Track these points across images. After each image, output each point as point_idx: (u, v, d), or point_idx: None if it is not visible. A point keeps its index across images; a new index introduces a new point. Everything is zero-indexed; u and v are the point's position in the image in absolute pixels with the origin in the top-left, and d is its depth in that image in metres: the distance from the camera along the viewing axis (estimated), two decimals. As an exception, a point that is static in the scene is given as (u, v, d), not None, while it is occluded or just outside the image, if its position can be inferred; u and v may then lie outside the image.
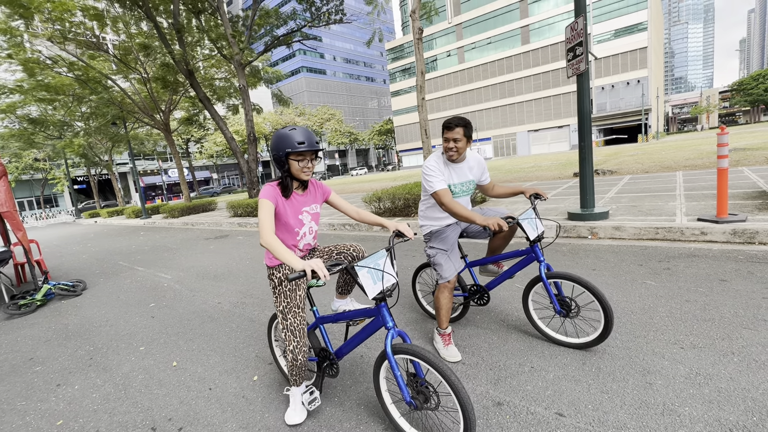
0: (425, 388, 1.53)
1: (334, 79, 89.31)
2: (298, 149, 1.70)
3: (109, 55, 15.72)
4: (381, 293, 1.56)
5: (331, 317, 1.93)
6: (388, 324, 1.58)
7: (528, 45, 50.25)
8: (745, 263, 3.27)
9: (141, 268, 6.42)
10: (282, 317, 1.82)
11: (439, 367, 1.41)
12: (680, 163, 11.08)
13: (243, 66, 12.55)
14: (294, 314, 1.80)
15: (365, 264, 1.55)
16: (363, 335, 1.74)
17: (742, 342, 2.08)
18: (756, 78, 65.06)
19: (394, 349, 1.53)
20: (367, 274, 1.55)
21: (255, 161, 13.34)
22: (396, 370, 1.52)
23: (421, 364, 1.54)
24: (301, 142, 1.71)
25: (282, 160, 1.75)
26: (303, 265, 1.39)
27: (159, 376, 2.58)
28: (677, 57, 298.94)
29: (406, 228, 1.79)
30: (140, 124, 21.61)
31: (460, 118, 2.23)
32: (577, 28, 5.07)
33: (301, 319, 1.82)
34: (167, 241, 9.53)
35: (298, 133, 1.72)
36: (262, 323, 3.29)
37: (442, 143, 2.32)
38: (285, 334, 1.80)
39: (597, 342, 2.13)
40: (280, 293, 1.84)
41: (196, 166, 51.26)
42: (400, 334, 1.58)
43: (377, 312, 1.63)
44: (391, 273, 1.61)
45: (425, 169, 2.30)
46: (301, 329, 1.80)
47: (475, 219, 2.07)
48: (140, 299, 4.56)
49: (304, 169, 1.77)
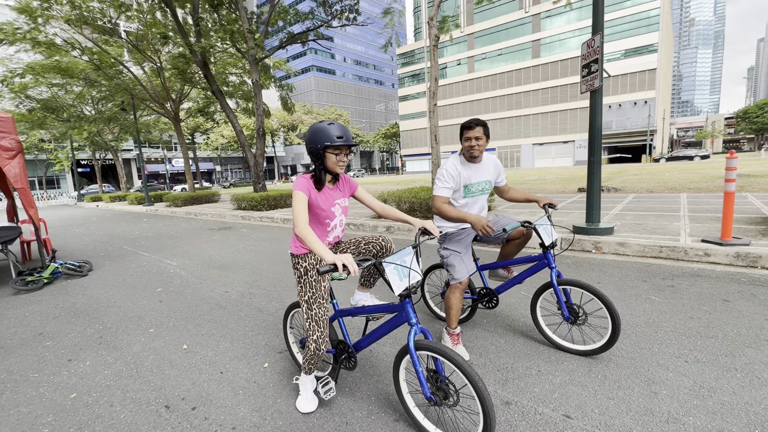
0: (445, 385, 1.58)
1: (343, 80, 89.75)
2: (337, 143, 1.76)
3: (123, 41, 15.84)
4: (406, 290, 1.61)
5: (350, 311, 1.98)
6: (412, 320, 1.62)
7: (538, 59, 50.58)
8: (747, 285, 3.32)
9: (146, 254, 6.47)
10: (307, 307, 1.85)
11: (462, 365, 1.45)
12: (685, 185, 11.16)
13: (257, 61, 12.65)
14: (319, 305, 1.84)
15: (392, 260, 1.60)
16: (384, 330, 1.79)
17: (745, 359, 2.13)
18: (761, 107, 65.39)
19: (416, 345, 1.57)
20: (394, 271, 1.59)
21: (262, 156, 13.42)
22: (418, 366, 1.57)
23: (442, 361, 1.59)
24: (340, 136, 1.77)
25: (319, 153, 1.80)
26: (334, 258, 1.44)
27: (170, 357, 2.62)
28: (685, 80, 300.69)
29: (432, 226, 1.83)
30: (150, 112, 21.71)
31: (478, 119, 2.33)
32: (594, 45, 5.15)
33: (326, 310, 1.86)
34: (171, 229, 9.58)
35: (336, 127, 1.78)
36: (271, 313, 3.34)
37: (462, 144, 2.39)
38: (309, 324, 1.83)
39: (603, 349, 2.19)
40: (306, 283, 1.88)
41: (200, 158, 51.36)
42: (423, 330, 1.63)
43: (401, 308, 1.68)
44: (417, 270, 1.66)
45: (439, 171, 2.39)
46: (325, 320, 1.84)
47: (466, 218, 2.18)
48: (147, 284, 4.60)
49: (339, 162, 1.83)
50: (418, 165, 64.09)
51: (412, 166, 65.15)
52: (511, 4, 52.16)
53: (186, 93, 18.45)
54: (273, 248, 6.32)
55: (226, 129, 41.56)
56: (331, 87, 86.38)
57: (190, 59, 12.72)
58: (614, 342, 2.13)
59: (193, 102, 20.84)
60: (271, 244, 6.68)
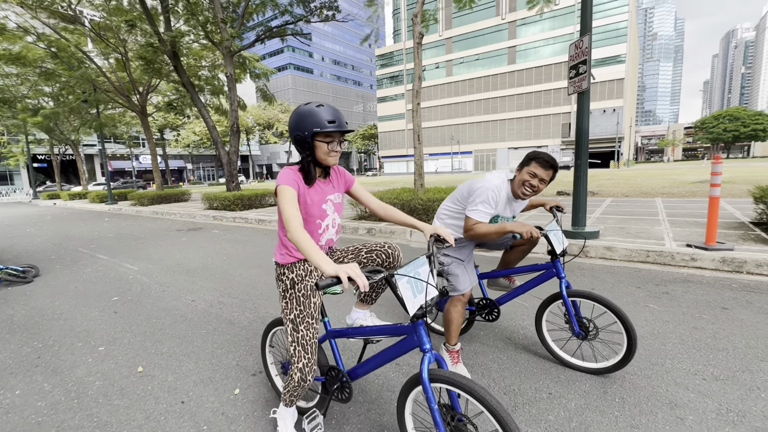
0: (464, 425, 1.30)
1: (321, 80, 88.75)
2: (328, 129, 1.44)
3: (85, 28, 14.77)
4: (422, 309, 1.32)
5: (346, 331, 1.65)
6: (425, 346, 1.31)
7: (514, 65, 51.82)
8: (741, 292, 3.26)
9: (103, 257, 5.88)
10: (292, 327, 1.53)
11: (493, 406, 1.16)
12: (657, 189, 11.49)
13: (232, 54, 12.07)
14: (307, 325, 1.52)
15: (406, 272, 1.30)
16: (389, 356, 1.47)
17: (764, 376, 1.99)
18: (717, 117, 69.79)
19: (431, 376, 1.29)
20: (407, 285, 1.28)
21: (236, 153, 12.81)
22: (433, 402, 1.27)
23: (464, 397, 1.29)
24: (332, 120, 1.45)
25: (306, 142, 1.48)
26: (337, 269, 1.12)
27: (121, 383, 2.23)
28: (648, 91, 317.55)
29: (445, 232, 1.54)
30: (114, 105, 20.43)
31: (556, 161, 1.99)
32: (582, 47, 5.08)
33: (315, 332, 1.55)
34: (134, 230, 8.89)
35: (326, 110, 1.46)
36: (243, 326, 2.97)
37: (518, 175, 2.04)
38: (294, 348, 1.52)
39: (616, 368, 1.99)
40: (292, 298, 1.56)
41: (170, 155, 49.19)
42: (437, 358, 1.34)
43: (411, 330, 1.37)
44: (433, 284, 1.36)
45: (484, 190, 2.00)
46: (313, 344, 1.53)
47: (507, 228, 1.89)
48: (101, 291, 4.10)
49: (332, 152, 1.52)
50: (396, 166, 64.16)
51: (390, 168, 65.14)
52: (489, 10, 53.19)
53: (154, 86, 17.45)
54: (247, 251, 5.88)
55: (198, 125, 40.01)
56: (308, 86, 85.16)
57: (158, 49, 11.97)
58: (629, 360, 1.93)
59: (163, 96, 19.76)
60: (244, 247, 6.23)
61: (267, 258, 5.32)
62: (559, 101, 49.14)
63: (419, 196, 7.11)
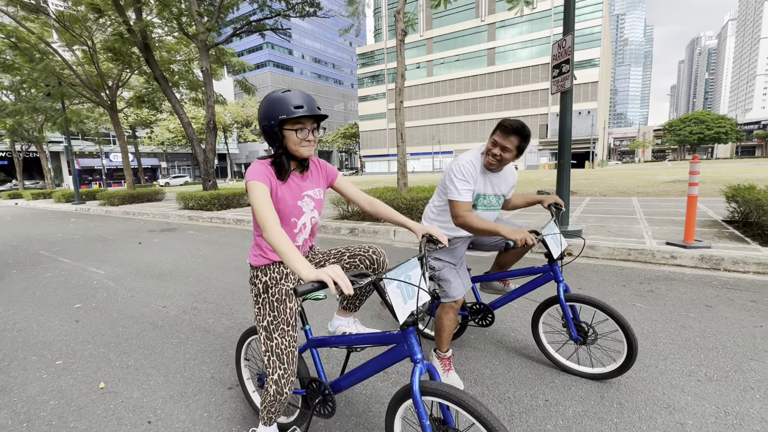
0: None
1: (301, 78, 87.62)
2: (296, 114, 1.30)
3: (49, 18, 13.92)
4: (413, 316, 1.20)
5: (329, 340, 1.51)
6: (417, 356, 1.19)
7: (493, 66, 52.62)
8: (722, 289, 3.30)
9: (67, 260, 5.49)
10: (266, 336, 1.39)
11: (489, 421, 1.05)
12: (633, 189, 11.82)
13: (208, 48, 11.63)
14: (282, 333, 1.38)
15: (396, 276, 1.17)
16: (375, 366, 1.35)
17: (756, 375, 1.97)
18: (683, 120, 73.17)
19: (423, 389, 1.17)
20: (397, 290, 1.17)
21: (213, 151, 12.37)
22: (424, 417, 1.15)
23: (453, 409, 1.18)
24: (299, 105, 1.31)
25: (274, 132, 1.33)
26: (318, 273, 0.99)
27: (79, 401, 2.00)
28: (620, 94, 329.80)
29: (438, 232, 1.42)
30: (82, 100, 19.41)
31: (524, 127, 1.84)
32: (565, 46, 5.09)
33: (292, 340, 1.40)
34: (103, 231, 8.41)
35: (293, 95, 1.33)
36: (219, 335, 2.77)
37: (490, 146, 1.91)
38: (268, 358, 1.37)
39: (616, 374, 1.92)
40: (266, 304, 1.41)
41: (143, 153, 47.35)
42: (429, 368, 1.22)
43: (401, 338, 1.25)
44: (425, 289, 1.24)
45: (456, 167, 1.89)
46: (290, 353, 1.38)
47: (499, 231, 1.74)
48: (63, 298, 3.79)
49: (304, 142, 1.36)
50: (378, 166, 64.04)
51: (372, 167, 64.97)
52: (469, 11, 53.79)
53: (124, 80, 16.66)
54: (224, 252, 5.62)
55: (172, 122, 38.67)
56: (288, 84, 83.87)
57: (128, 40, 11.40)
58: (629, 366, 1.86)
59: (136, 91, 18.89)
60: (221, 248, 5.96)
61: (245, 260, 5.09)
62: (536, 103, 50.24)
63: (403, 195, 7.01)
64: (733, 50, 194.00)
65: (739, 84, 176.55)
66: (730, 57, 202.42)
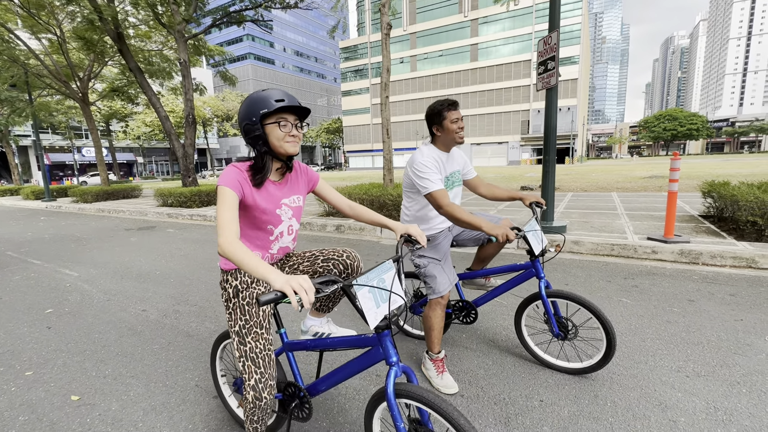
0: None
1: (282, 71, 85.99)
2: (276, 106, 1.26)
3: (13, 3, 13.13)
4: (385, 320, 1.17)
5: (305, 344, 1.48)
6: (392, 359, 1.19)
7: (476, 62, 52.91)
8: (702, 284, 3.40)
9: (37, 262, 5.21)
10: (238, 340, 1.34)
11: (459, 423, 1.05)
12: (612, 184, 12.12)
13: (185, 39, 11.21)
14: (256, 336, 1.33)
15: (366, 281, 1.14)
16: (351, 369, 1.32)
17: (740, 370, 2.02)
18: (658, 118, 75.61)
19: (397, 391, 1.14)
20: (369, 294, 1.14)
21: (192, 146, 11.98)
22: (399, 421, 1.14)
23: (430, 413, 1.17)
24: (280, 99, 1.28)
25: (256, 131, 1.28)
26: (282, 283, 0.94)
27: (52, 415, 1.88)
28: (597, 92, 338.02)
29: (417, 231, 1.40)
30: (51, 92, 18.47)
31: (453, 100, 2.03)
32: (551, 42, 5.11)
33: (266, 343, 1.35)
34: (76, 230, 8.04)
35: (273, 91, 1.30)
36: (203, 339, 2.67)
37: (444, 129, 2.01)
38: (243, 364, 1.32)
39: (600, 365, 1.94)
40: (236, 308, 1.35)
41: (118, 148, 45.61)
42: (405, 371, 1.20)
43: (376, 342, 1.23)
44: (399, 293, 1.22)
45: (417, 165, 1.94)
46: (266, 356, 1.34)
47: (481, 226, 1.76)
48: (33, 302, 3.58)
49: (288, 137, 1.31)
50: (362, 161, 63.71)
51: (356, 162, 64.60)
52: (452, 7, 53.80)
53: (96, 71, 15.93)
54: (206, 251, 5.45)
55: (149, 115, 37.33)
56: (270, 77, 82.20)
57: (99, 28, 10.86)
58: (611, 356, 1.89)
59: (109, 83, 18.08)
60: (203, 247, 5.78)
61: (228, 259, 4.94)
62: (519, 99, 50.88)
63: (389, 191, 6.95)
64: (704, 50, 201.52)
65: (709, 82, 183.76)
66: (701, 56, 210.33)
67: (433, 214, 2.10)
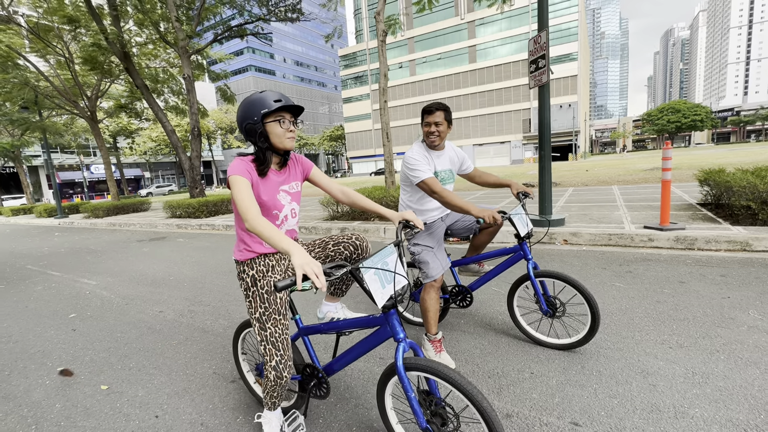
0: (443, 409, 1.31)
1: (283, 81, 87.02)
2: (275, 106, 1.42)
3: (21, 28, 13.63)
4: (391, 299, 1.31)
5: (318, 327, 1.62)
6: (399, 335, 1.32)
7: (475, 64, 53.16)
8: (694, 267, 3.51)
9: (56, 273, 5.45)
10: (259, 326, 1.48)
11: (462, 385, 1.19)
12: (613, 178, 12.18)
13: (189, 54, 11.56)
14: (275, 322, 1.48)
15: (372, 264, 1.28)
16: (363, 348, 1.47)
17: (721, 340, 2.14)
18: (661, 110, 75.12)
19: (406, 364, 1.28)
20: (375, 276, 1.28)
21: (198, 158, 12.29)
22: (410, 391, 1.28)
23: (438, 382, 1.32)
24: (277, 99, 1.45)
25: (258, 129, 1.44)
26: (301, 262, 1.07)
27: (85, 402, 2.06)
28: (599, 87, 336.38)
29: (413, 216, 1.55)
30: (60, 112, 19.00)
31: (440, 103, 2.15)
32: (541, 42, 5.28)
33: (284, 328, 1.50)
34: (90, 243, 8.32)
35: (270, 93, 1.46)
36: (218, 334, 2.85)
37: (422, 130, 2.22)
38: (264, 347, 1.47)
39: (587, 339, 2.08)
40: (255, 297, 1.50)
41: (125, 164, 46.46)
42: (412, 346, 1.34)
43: (383, 321, 1.37)
44: (402, 273, 1.36)
45: (408, 159, 2.16)
46: (284, 340, 1.49)
47: (470, 210, 1.96)
48: (56, 309, 3.79)
49: (287, 133, 1.48)
50: (365, 167, 64.06)
51: (359, 168, 64.98)
52: (448, 10, 54.24)
53: (104, 89, 16.40)
54: (216, 258, 5.65)
55: (154, 131, 38.07)
56: (271, 88, 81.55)
57: (106, 49, 11.25)
58: (596, 329, 2.03)
59: (115, 101, 18.57)
60: (213, 254, 5.99)
61: (238, 263, 5.13)
62: (519, 98, 50.97)
63: (391, 192, 7.13)
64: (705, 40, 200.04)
65: (712, 73, 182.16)
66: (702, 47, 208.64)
67: (428, 204, 2.28)
